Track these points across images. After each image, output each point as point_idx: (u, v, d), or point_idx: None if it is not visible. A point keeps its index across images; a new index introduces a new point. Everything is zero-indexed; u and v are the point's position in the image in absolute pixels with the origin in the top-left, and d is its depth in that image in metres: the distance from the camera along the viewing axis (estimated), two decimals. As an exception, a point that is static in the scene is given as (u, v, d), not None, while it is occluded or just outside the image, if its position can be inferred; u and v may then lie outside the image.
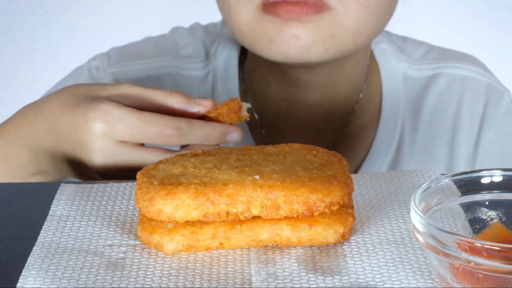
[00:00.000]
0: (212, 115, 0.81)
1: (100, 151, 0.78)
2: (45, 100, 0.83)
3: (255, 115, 1.05)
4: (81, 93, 0.80)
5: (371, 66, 1.07)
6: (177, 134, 0.78)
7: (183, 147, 0.81)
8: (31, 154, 0.83)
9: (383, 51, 1.08)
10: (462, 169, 1.04)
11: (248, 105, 0.82)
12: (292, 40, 0.91)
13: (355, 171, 1.03)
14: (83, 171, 0.82)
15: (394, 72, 1.07)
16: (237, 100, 0.82)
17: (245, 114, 0.82)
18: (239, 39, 0.97)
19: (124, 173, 0.80)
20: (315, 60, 0.93)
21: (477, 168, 1.03)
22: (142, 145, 0.79)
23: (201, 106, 0.81)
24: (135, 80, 0.84)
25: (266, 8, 0.91)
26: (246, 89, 1.07)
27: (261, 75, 1.04)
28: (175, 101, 0.80)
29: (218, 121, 0.81)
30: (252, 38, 0.94)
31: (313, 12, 0.90)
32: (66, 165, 0.83)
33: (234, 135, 0.81)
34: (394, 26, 1.06)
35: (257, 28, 0.92)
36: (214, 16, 1.08)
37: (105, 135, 0.77)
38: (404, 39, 1.12)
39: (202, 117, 0.81)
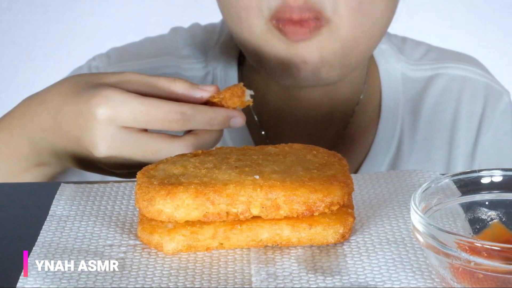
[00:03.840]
0: (216, 100, 0.81)
1: (104, 137, 0.77)
2: (48, 90, 0.83)
3: (254, 116, 1.05)
4: (84, 82, 0.80)
5: (370, 67, 1.07)
6: (181, 119, 0.77)
7: (188, 132, 0.81)
8: (33, 145, 0.83)
9: (382, 52, 1.08)
10: (460, 170, 1.04)
11: (251, 92, 0.82)
12: (302, 65, 0.92)
13: (355, 171, 1.03)
14: (86, 161, 0.82)
15: (393, 72, 1.07)
16: (240, 85, 0.82)
17: (248, 99, 0.82)
18: (246, 54, 0.98)
19: (127, 161, 0.79)
20: (324, 81, 0.94)
21: (475, 168, 1.03)
22: (145, 131, 0.79)
23: (204, 92, 0.80)
24: None
25: (275, 24, 0.91)
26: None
27: (260, 76, 1.04)
28: (178, 87, 0.80)
29: (221, 106, 0.81)
30: (261, 55, 0.94)
31: (315, 29, 0.90)
32: (68, 156, 0.82)
33: (238, 120, 0.81)
34: (393, 25, 1.06)
35: (267, 43, 0.93)
36: (213, 16, 1.08)
37: (109, 120, 0.77)
38: (403, 39, 1.12)
39: (206, 103, 0.81)
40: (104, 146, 0.78)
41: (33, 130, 0.82)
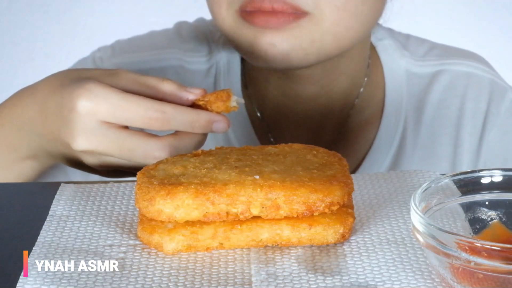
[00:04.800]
0: (201, 103, 0.80)
1: (83, 130, 0.77)
2: (39, 82, 0.83)
3: (257, 112, 1.06)
4: (74, 75, 0.80)
5: (374, 62, 1.07)
6: (161, 118, 0.76)
7: (174, 135, 0.80)
8: (22, 136, 0.83)
9: (385, 47, 1.08)
10: (465, 166, 1.04)
11: (242, 100, 0.81)
12: (269, 48, 0.91)
13: (357, 167, 1.03)
14: (68, 156, 0.81)
15: (397, 68, 1.07)
16: (227, 90, 0.81)
17: (233, 104, 0.81)
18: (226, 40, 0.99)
19: (105, 157, 0.78)
20: (296, 65, 0.94)
21: (480, 165, 1.03)
22: (126, 128, 0.78)
23: (190, 94, 0.80)
24: (138, 71, 0.83)
25: (243, 15, 0.92)
26: (247, 84, 1.07)
27: (260, 70, 1.04)
28: (166, 87, 0.80)
29: (206, 109, 0.80)
30: (234, 43, 0.95)
31: (291, 20, 0.90)
32: (55, 150, 0.82)
33: (220, 125, 0.79)
34: (394, 24, 1.06)
35: (237, 33, 0.94)
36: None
37: (89, 113, 0.76)
38: (407, 36, 1.12)
39: (192, 106, 0.80)
40: (82, 140, 0.77)
41: (22, 121, 0.83)
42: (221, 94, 0.80)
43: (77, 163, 0.82)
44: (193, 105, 0.80)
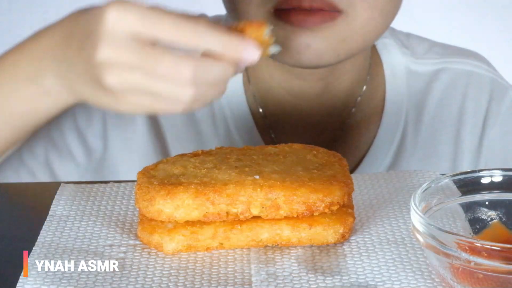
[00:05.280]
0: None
1: (108, 38, 0.72)
2: (62, 18, 0.82)
3: (259, 109, 1.06)
4: None
5: (375, 60, 1.07)
6: (193, 30, 0.71)
7: (201, 57, 0.76)
8: (41, 68, 0.79)
9: (386, 45, 1.08)
10: (466, 165, 1.04)
11: (277, 48, 0.78)
12: (304, 49, 0.91)
13: (357, 165, 1.03)
14: (91, 77, 0.78)
15: (397, 66, 1.07)
16: (262, 21, 0.77)
17: (266, 37, 0.77)
18: None
19: (128, 73, 0.75)
20: (327, 64, 0.94)
21: (481, 164, 1.03)
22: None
23: (223, 26, 0.77)
24: None
25: (278, 14, 0.91)
26: (250, 80, 1.07)
27: (264, 66, 1.04)
28: (199, 21, 0.77)
29: None
30: None
31: (328, 20, 0.91)
32: (74, 74, 0.78)
33: (251, 53, 0.73)
34: (394, 23, 1.06)
35: None
36: (214, 14, 1.08)
37: (116, 23, 0.72)
38: (408, 35, 1.12)
39: None
40: (106, 47, 0.73)
41: (43, 51, 0.79)
42: (255, 21, 0.77)
43: (95, 85, 0.77)
44: None
